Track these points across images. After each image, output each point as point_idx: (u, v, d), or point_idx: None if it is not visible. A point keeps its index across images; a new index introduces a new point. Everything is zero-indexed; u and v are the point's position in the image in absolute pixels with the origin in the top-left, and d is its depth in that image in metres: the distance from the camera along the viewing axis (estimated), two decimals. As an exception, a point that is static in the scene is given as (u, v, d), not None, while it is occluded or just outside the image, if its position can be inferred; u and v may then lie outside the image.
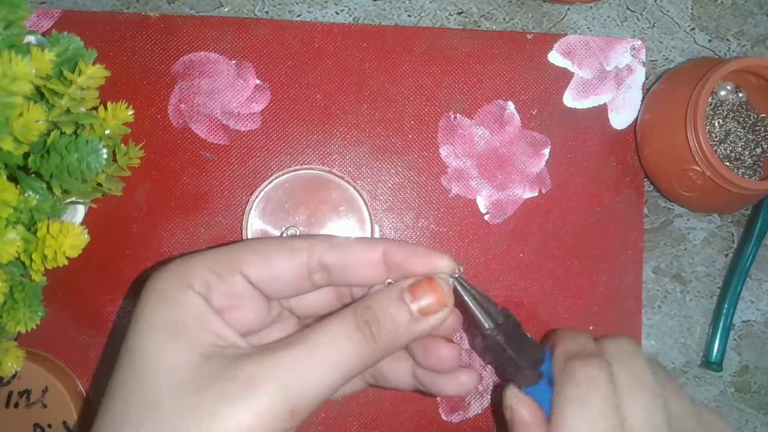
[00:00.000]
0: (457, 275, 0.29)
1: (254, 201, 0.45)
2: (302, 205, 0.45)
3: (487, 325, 0.31)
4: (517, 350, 0.32)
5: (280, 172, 0.45)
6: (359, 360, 0.26)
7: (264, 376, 0.24)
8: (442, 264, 0.29)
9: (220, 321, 0.27)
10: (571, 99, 0.48)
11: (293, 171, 0.46)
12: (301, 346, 0.25)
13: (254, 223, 0.45)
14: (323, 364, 0.25)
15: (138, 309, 0.27)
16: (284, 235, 0.45)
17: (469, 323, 0.32)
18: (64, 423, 0.42)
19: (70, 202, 0.40)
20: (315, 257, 0.29)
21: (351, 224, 0.46)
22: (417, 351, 0.32)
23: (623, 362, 0.33)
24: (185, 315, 0.26)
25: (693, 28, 0.50)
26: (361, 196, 0.45)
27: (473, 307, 0.31)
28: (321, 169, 0.46)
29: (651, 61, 0.50)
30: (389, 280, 0.29)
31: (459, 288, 0.30)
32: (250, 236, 0.45)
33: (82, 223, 0.44)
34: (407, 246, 0.29)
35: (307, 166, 0.46)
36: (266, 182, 0.45)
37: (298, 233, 0.45)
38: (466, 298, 0.31)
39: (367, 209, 0.45)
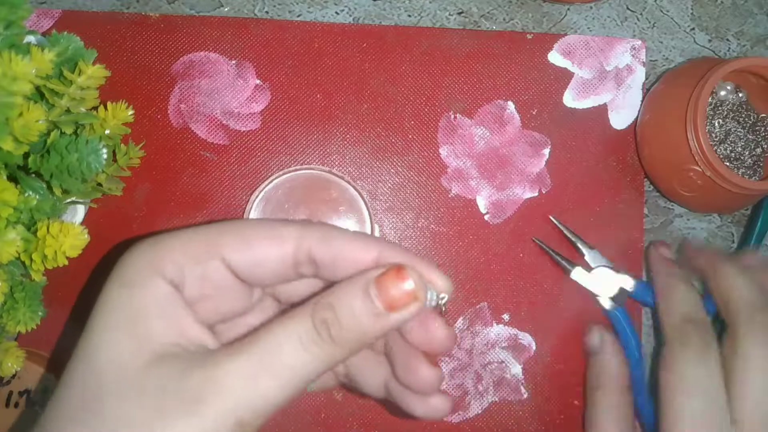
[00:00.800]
0: (441, 301, 0.26)
1: (254, 201, 0.45)
2: (302, 205, 0.45)
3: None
4: None
5: (280, 172, 0.46)
6: (315, 366, 0.23)
7: (210, 391, 0.22)
8: (437, 283, 0.26)
9: (188, 314, 0.25)
10: (571, 99, 0.48)
11: (293, 171, 0.46)
12: (249, 355, 0.23)
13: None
14: (274, 374, 0.23)
15: (101, 296, 0.25)
16: None
17: None
18: (64, 423, 0.42)
19: (70, 202, 0.40)
20: (304, 249, 0.26)
21: (351, 224, 0.46)
22: (398, 363, 0.28)
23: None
24: (148, 304, 0.24)
25: (693, 28, 0.50)
26: (361, 196, 0.45)
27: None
28: (321, 169, 0.46)
29: (651, 61, 0.50)
30: None
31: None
32: None
33: (82, 223, 0.44)
34: (404, 255, 0.26)
35: (307, 166, 0.46)
36: (266, 182, 0.45)
37: None
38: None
39: (367, 209, 0.45)
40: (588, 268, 0.46)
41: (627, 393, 0.42)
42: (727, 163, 0.44)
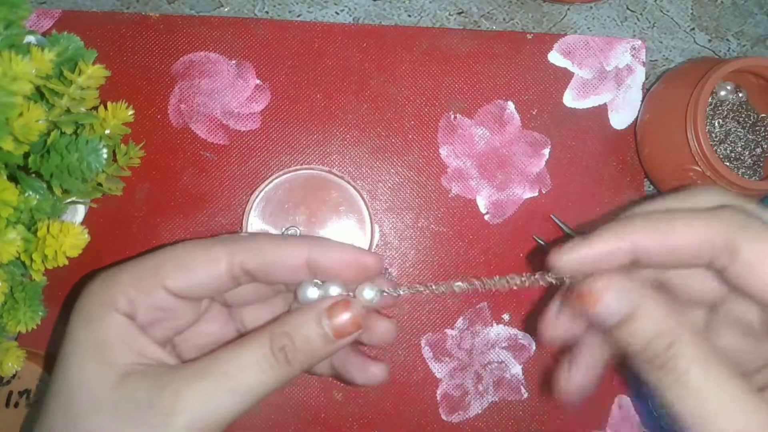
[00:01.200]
0: (379, 292, 0.29)
1: (254, 201, 0.45)
2: (302, 205, 0.45)
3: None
4: None
5: (280, 172, 0.46)
6: (271, 384, 0.27)
7: (179, 407, 0.25)
8: (370, 263, 0.29)
9: (144, 338, 0.28)
10: (571, 99, 0.48)
11: (293, 171, 0.46)
12: (212, 375, 0.26)
13: (254, 223, 0.45)
14: (234, 393, 0.26)
15: (67, 332, 0.28)
16: (284, 234, 0.45)
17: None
18: (64, 423, 0.42)
19: (70, 202, 0.40)
20: (236, 265, 0.28)
21: (351, 224, 0.46)
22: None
23: None
24: (107, 336, 0.27)
25: (693, 28, 0.50)
26: (361, 196, 0.45)
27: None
28: (321, 169, 0.46)
29: (651, 61, 0.50)
30: (316, 281, 0.29)
31: None
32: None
33: (82, 223, 0.44)
34: (334, 250, 0.29)
35: (307, 166, 0.46)
36: (266, 182, 0.45)
37: (298, 233, 0.45)
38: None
39: (367, 209, 0.45)
40: None
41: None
42: (727, 163, 0.44)
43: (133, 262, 0.29)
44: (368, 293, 0.29)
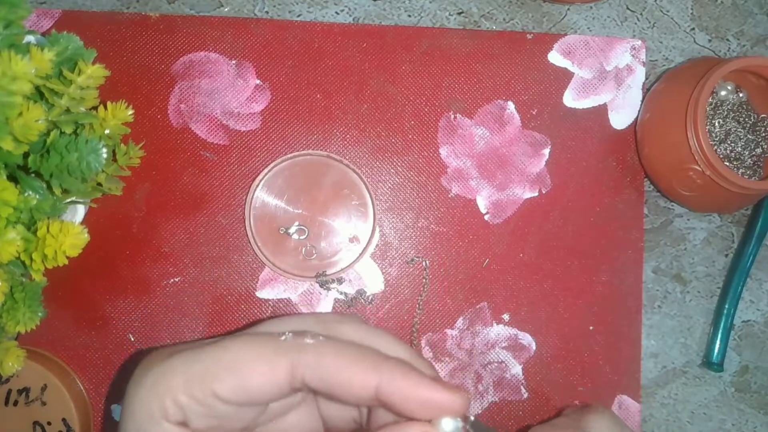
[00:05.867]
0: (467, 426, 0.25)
1: (254, 191, 0.45)
2: (304, 193, 0.46)
3: None
4: None
5: (279, 159, 0.46)
6: None
7: None
8: (450, 405, 0.25)
9: None
10: (571, 99, 0.48)
11: (291, 158, 0.46)
12: None
13: (257, 212, 0.45)
14: None
15: None
16: (288, 232, 0.45)
17: None
18: (64, 420, 0.42)
19: (70, 202, 0.40)
20: (298, 379, 0.25)
21: (354, 208, 0.46)
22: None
23: None
24: None
25: (693, 28, 0.50)
26: (361, 178, 0.46)
27: None
28: (319, 154, 0.46)
29: (651, 61, 0.50)
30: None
31: None
32: (252, 223, 0.45)
33: (82, 223, 0.44)
34: (409, 381, 0.24)
35: (305, 151, 0.46)
36: (266, 170, 0.46)
37: (305, 233, 0.45)
38: None
39: (369, 192, 0.46)
40: None
41: None
42: (727, 163, 0.44)
43: (186, 357, 0.26)
44: (447, 424, 0.24)
